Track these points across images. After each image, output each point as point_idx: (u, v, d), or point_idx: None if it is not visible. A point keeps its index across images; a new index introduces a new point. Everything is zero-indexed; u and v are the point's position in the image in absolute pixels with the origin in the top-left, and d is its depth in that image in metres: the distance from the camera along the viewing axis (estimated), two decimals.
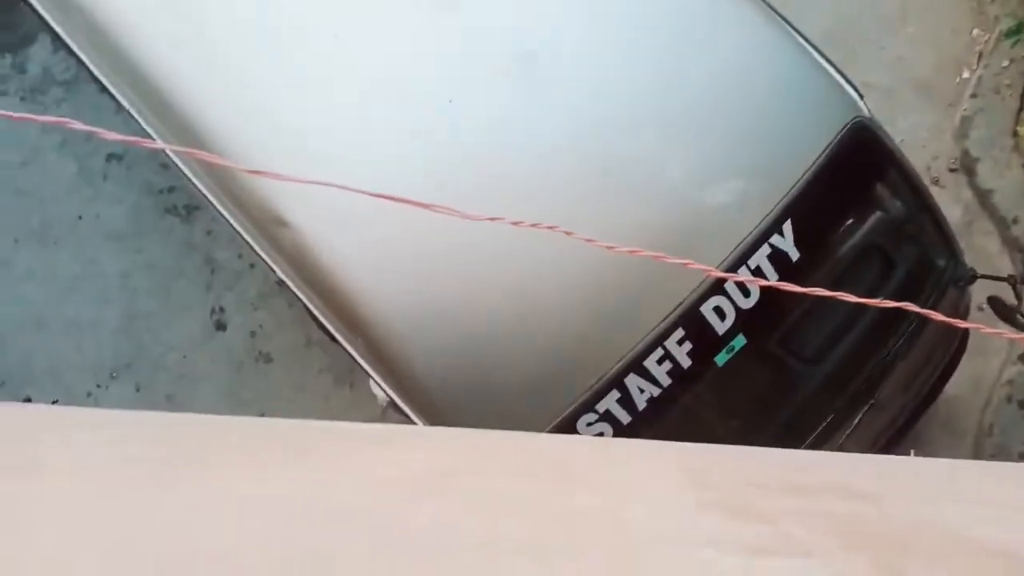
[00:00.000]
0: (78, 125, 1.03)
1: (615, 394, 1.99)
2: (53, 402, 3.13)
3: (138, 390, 3.15)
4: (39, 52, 3.46)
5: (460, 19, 2.12)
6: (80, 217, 3.31)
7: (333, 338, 2.34)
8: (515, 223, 1.08)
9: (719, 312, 2.05)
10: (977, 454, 3.04)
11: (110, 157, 3.32)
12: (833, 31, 3.27)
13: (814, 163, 2.12)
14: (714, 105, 2.10)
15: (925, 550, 0.78)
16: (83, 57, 2.52)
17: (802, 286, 1.21)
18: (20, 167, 3.33)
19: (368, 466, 0.94)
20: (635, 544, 0.81)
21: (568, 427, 1.96)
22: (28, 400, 2.98)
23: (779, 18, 2.26)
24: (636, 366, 2.00)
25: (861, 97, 2.26)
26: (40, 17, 2.58)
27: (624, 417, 2.01)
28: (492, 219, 1.08)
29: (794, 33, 2.25)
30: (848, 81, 2.25)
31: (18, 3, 2.69)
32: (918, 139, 3.33)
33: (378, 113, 2.08)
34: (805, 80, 2.19)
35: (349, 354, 2.28)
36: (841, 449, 2.26)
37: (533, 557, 0.77)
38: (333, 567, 0.72)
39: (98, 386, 3.15)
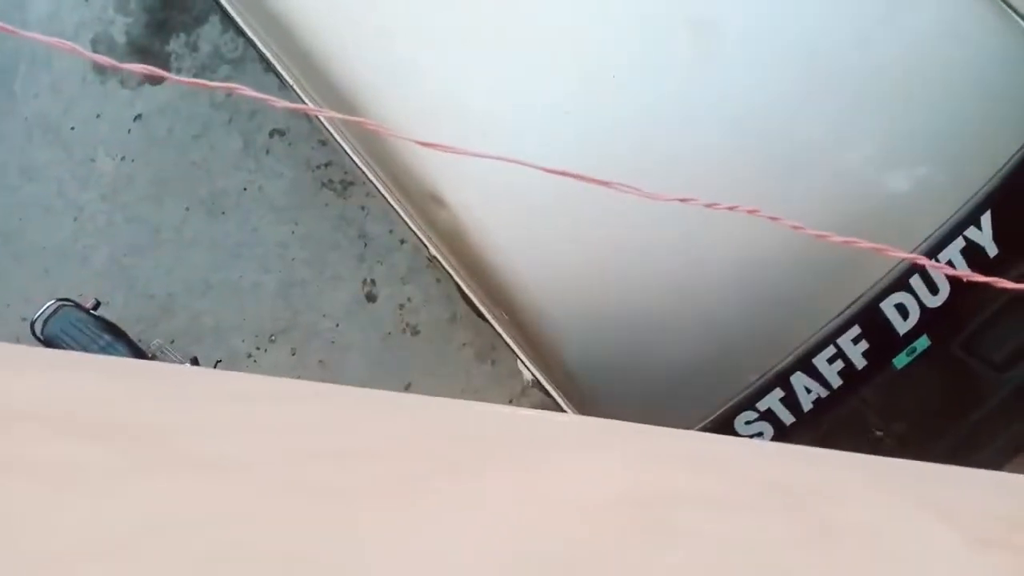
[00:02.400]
0: (247, 91, 1.04)
1: (779, 392, 1.86)
2: (217, 362, 3.31)
3: (293, 354, 3.29)
4: (210, 32, 3.64)
5: None
6: (244, 189, 3.47)
7: (480, 315, 2.33)
8: (709, 204, 0.98)
9: (901, 310, 1.87)
10: None
11: (273, 132, 3.46)
12: None
13: (1020, 149, 1.89)
14: (907, 79, 1.90)
15: None
16: (250, 35, 2.61)
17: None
18: (193, 140, 3.54)
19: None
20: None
21: (725, 424, 1.86)
22: (195, 360, 3.17)
23: None
24: (805, 364, 1.86)
25: None
26: None
27: (787, 418, 1.87)
28: (683, 200, 0.99)
29: (1003, 4, 2.01)
30: None
31: None
32: None
33: (540, 86, 2.01)
34: (1015, 57, 1.96)
35: (496, 331, 2.27)
36: None
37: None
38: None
39: (257, 348, 3.32)
